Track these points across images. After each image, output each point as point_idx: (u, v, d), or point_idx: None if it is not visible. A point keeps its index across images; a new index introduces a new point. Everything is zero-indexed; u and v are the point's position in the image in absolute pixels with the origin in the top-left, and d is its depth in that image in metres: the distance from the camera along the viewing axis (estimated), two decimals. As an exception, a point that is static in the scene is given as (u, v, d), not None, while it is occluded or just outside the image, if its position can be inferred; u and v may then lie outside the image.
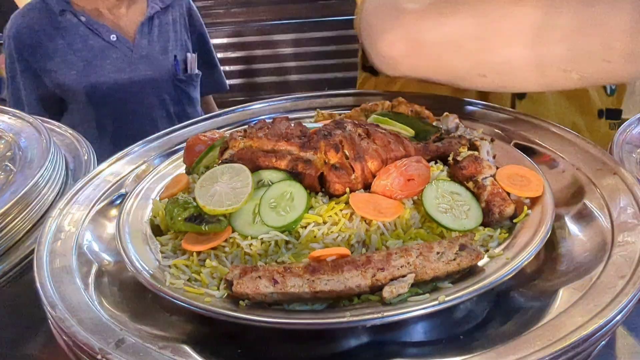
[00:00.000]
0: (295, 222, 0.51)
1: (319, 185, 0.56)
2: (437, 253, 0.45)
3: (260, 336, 0.44)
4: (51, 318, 0.44)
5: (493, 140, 0.63)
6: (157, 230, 0.56)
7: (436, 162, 0.60)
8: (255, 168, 0.57)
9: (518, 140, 0.68)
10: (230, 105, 0.84)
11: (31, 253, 0.52)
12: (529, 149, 0.65)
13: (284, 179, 0.55)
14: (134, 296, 0.49)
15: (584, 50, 0.57)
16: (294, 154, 0.56)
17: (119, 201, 0.61)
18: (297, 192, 0.53)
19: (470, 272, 0.45)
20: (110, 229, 0.57)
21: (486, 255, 0.47)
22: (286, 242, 0.50)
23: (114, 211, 0.59)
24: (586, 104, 1.04)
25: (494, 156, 0.60)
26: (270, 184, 0.55)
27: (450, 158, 0.59)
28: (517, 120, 0.72)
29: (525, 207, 0.53)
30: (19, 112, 0.81)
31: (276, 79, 4.46)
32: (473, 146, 0.60)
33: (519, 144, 0.67)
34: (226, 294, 0.44)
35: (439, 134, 0.65)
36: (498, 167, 0.57)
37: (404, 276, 0.43)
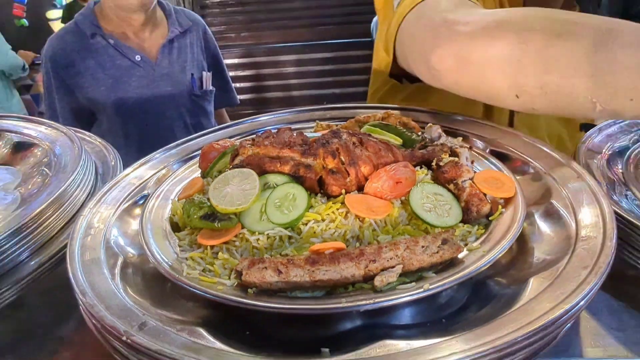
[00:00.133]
0: (297, 219, 0.51)
1: (318, 187, 0.56)
2: (422, 247, 0.45)
3: (266, 320, 0.45)
4: (82, 304, 0.44)
5: (471, 148, 0.63)
6: (176, 227, 0.56)
7: (421, 167, 0.60)
8: (262, 172, 0.57)
9: (494, 147, 0.68)
10: (241, 118, 0.85)
11: (64, 247, 0.52)
12: (503, 156, 0.65)
13: (287, 182, 0.55)
14: (155, 285, 0.49)
15: (611, 87, 0.56)
16: (296, 159, 0.57)
17: (142, 201, 0.61)
18: (298, 193, 0.53)
19: (452, 263, 0.45)
20: (134, 225, 0.57)
21: (465, 248, 0.47)
22: (289, 237, 0.50)
23: (137, 210, 0.59)
24: (570, 119, 1.05)
25: (472, 162, 0.60)
26: (275, 186, 0.55)
27: (433, 163, 0.59)
28: (494, 130, 0.72)
29: (500, 206, 0.53)
30: (54, 123, 0.81)
31: (281, 95, 4.49)
32: (454, 153, 0.60)
33: (494, 151, 0.67)
34: (236, 282, 0.44)
35: (423, 142, 0.65)
36: (476, 172, 0.57)
37: (393, 267, 0.43)
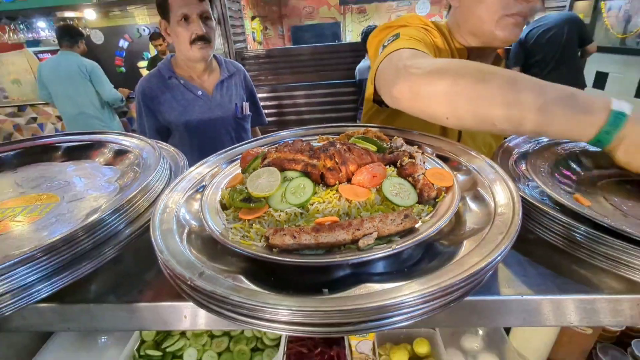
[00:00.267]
0: (306, 201, 0.50)
1: (320, 180, 0.55)
2: (391, 219, 0.44)
3: (285, 270, 0.44)
4: (160, 259, 0.43)
5: (423, 153, 0.62)
6: (224, 207, 0.55)
7: (390, 166, 0.59)
8: (282, 169, 0.56)
9: (439, 153, 0.67)
10: (268, 133, 0.84)
11: (148, 221, 0.51)
12: (444, 158, 0.65)
13: (299, 176, 0.55)
14: (210, 246, 0.48)
15: (516, 117, 0.56)
16: (305, 161, 0.56)
17: (201, 190, 0.60)
18: (307, 184, 0.53)
19: (411, 230, 0.45)
20: (196, 206, 0.56)
21: (420, 221, 0.47)
22: (301, 214, 0.50)
23: (198, 196, 0.59)
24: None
25: (424, 162, 0.59)
26: (291, 179, 0.54)
27: (398, 163, 0.58)
28: (439, 141, 0.71)
29: (443, 192, 0.53)
30: (142, 137, 0.81)
31: (295, 118, 4.51)
32: (411, 156, 0.59)
33: (438, 155, 0.66)
34: (265, 244, 0.44)
35: (391, 149, 0.65)
36: (426, 169, 0.57)
37: (371, 233, 0.43)
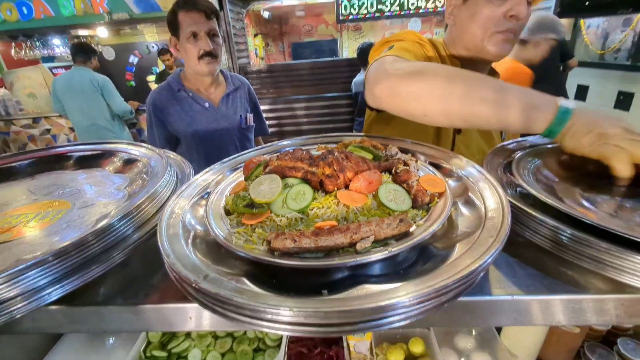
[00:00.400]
0: (306, 207, 0.50)
1: (319, 186, 0.55)
2: (387, 224, 0.44)
3: (286, 272, 0.44)
4: (166, 262, 0.43)
5: (417, 160, 0.62)
6: (228, 213, 0.55)
7: (385, 173, 0.59)
8: (283, 176, 0.56)
9: (431, 160, 0.67)
10: (270, 142, 0.84)
11: (155, 226, 0.51)
12: (437, 165, 0.65)
13: (299, 183, 0.55)
14: (214, 250, 0.48)
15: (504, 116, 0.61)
16: (305, 169, 0.56)
17: (206, 196, 0.60)
18: (307, 190, 0.52)
19: (406, 234, 0.44)
20: (201, 212, 0.56)
21: (414, 225, 0.46)
22: (301, 218, 0.49)
23: (203, 202, 0.58)
24: (491, 140, 1.07)
25: (417, 169, 0.59)
26: (291, 185, 0.54)
27: (393, 171, 0.58)
28: (432, 149, 0.71)
29: (436, 198, 0.52)
30: (150, 146, 0.81)
31: (295, 128, 4.52)
32: (406, 164, 0.59)
33: (431, 163, 0.66)
34: (267, 248, 0.43)
35: (386, 157, 0.65)
36: (420, 176, 0.57)
37: (368, 237, 0.42)
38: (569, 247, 0.46)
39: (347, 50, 7.62)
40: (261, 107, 1.86)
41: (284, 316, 0.35)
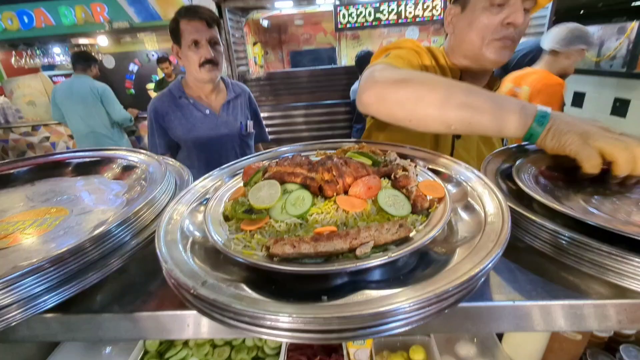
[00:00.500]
0: (306, 212, 0.50)
1: (318, 192, 0.54)
2: (386, 229, 0.43)
3: (285, 278, 0.43)
4: (164, 268, 0.42)
5: (416, 166, 0.62)
6: (227, 219, 0.54)
7: (384, 178, 0.59)
8: (282, 182, 0.56)
9: (431, 166, 0.67)
10: (269, 149, 0.84)
11: (153, 232, 0.51)
12: (435, 171, 0.65)
13: (299, 188, 0.54)
14: (213, 256, 0.48)
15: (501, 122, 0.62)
16: (304, 174, 0.56)
17: (205, 202, 0.60)
18: (306, 195, 0.52)
19: (405, 239, 0.44)
20: (199, 218, 0.55)
21: (414, 230, 0.46)
22: (300, 224, 0.49)
23: (201, 208, 0.58)
24: (492, 145, 1.07)
25: (417, 175, 0.59)
26: (291, 191, 0.54)
27: (392, 176, 0.58)
28: (431, 155, 0.71)
29: (435, 203, 0.52)
30: (149, 153, 0.81)
31: (294, 135, 4.54)
32: (405, 169, 0.59)
33: (430, 168, 0.66)
34: (266, 254, 0.43)
35: (385, 162, 0.65)
36: (419, 181, 0.57)
37: (367, 242, 0.42)
38: (569, 251, 0.45)
39: (346, 58, 7.68)
40: (261, 115, 1.88)
41: (283, 322, 0.34)
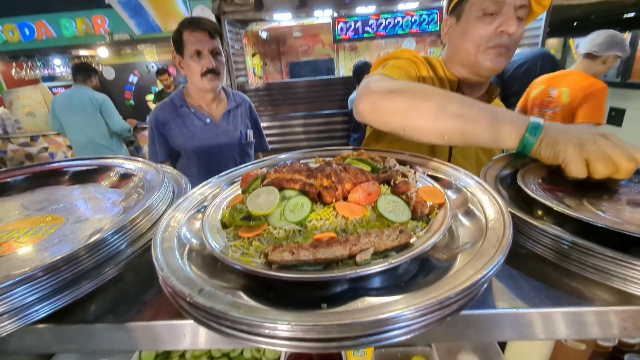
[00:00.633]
0: (305, 219, 0.49)
1: (317, 198, 0.54)
2: (387, 235, 0.43)
3: (284, 285, 0.42)
4: (160, 276, 0.41)
5: (416, 172, 0.62)
6: (224, 226, 0.53)
7: (384, 185, 0.58)
8: (281, 189, 0.55)
9: (430, 172, 0.67)
10: (268, 156, 0.84)
11: (150, 239, 0.50)
12: (435, 177, 0.64)
13: (297, 195, 0.54)
14: (210, 263, 0.47)
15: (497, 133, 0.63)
16: (303, 180, 0.55)
17: (202, 209, 0.59)
18: (305, 202, 0.52)
19: (406, 245, 0.44)
20: (197, 225, 0.55)
21: (414, 236, 0.46)
22: (299, 231, 0.48)
23: (199, 215, 0.57)
24: (490, 153, 1.08)
25: (416, 181, 0.58)
26: (289, 197, 0.53)
27: (391, 182, 0.57)
28: (430, 161, 0.71)
29: (435, 209, 0.52)
30: (146, 161, 0.80)
31: (292, 145, 4.57)
32: (404, 175, 0.58)
33: (429, 175, 0.66)
34: (264, 261, 0.42)
35: (385, 169, 0.64)
36: (418, 187, 0.56)
37: (367, 249, 0.41)
38: (572, 257, 0.45)
39: (344, 69, 7.78)
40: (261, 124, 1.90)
41: (281, 331, 0.33)
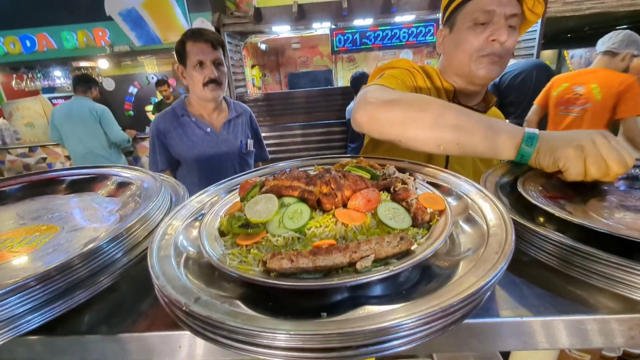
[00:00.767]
0: (304, 226, 0.48)
1: (317, 205, 0.53)
2: (387, 242, 0.42)
3: (283, 294, 0.41)
4: (156, 285, 0.40)
5: (415, 179, 0.62)
6: (222, 234, 0.53)
7: (384, 192, 0.58)
8: (280, 196, 0.55)
9: (430, 180, 0.66)
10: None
11: (146, 248, 0.49)
12: (435, 184, 0.64)
13: (296, 202, 0.53)
14: (207, 272, 0.46)
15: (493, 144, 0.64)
16: (302, 187, 0.55)
17: (200, 217, 0.58)
18: (304, 209, 0.51)
19: (407, 252, 0.43)
20: (194, 233, 0.54)
21: (415, 243, 0.45)
22: (298, 238, 0.48)
23: (197, 223, 0.57)
24: (488, 161, 1.08)
25: (416, 188, 0.58)
26: (288, 204, 0.53)
27: (391, 189, 0.57)
28: (429, 169, 0.71)
29: (436, 216, 0.51)
30: (143, 169, 0.80)
31: (291, 155, 4.57)
32: (404, 182, 0.58)
33: (429, 181, 0.65)
34: (262, 269, 0.41)
35: (384, 176, 0.64)
36: (418, 194, 0.56)
37: (368, 256, 0.41)
38: (576, 263, 0.44)
39: (342, 80, 7.87)
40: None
41: (280, 341, 0.32)
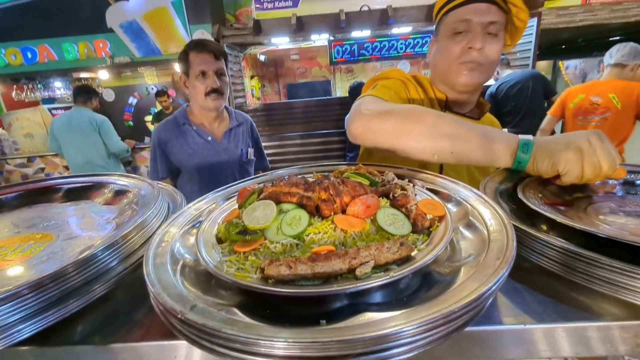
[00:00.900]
0: (302, 232, 0.48)
1: (315, 211, 0.53)
2: (387, 248, 0.42)
3: (281, 301, 0.40)
4: (151, 293, 0.39)
5: (414, 185, 0.61)
6: (220, 241, 0.52)
7: (383, 198, 0.57)
8: (278, 202, 0.54)
9: (428, 186, 0.66)
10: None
11: (142, 256, 0.48)
12: (434, 190, 0.63)
13: (295, 208, 0.53)
14: (203, 279, 0.45)
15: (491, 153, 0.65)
16: (300, 194, 0.54)
17: (197, 225, 0.57)
18: (303, 215, 0.51)
19: (407, 259, 0.42)
20: (191, 240, 0.53)
21: (415, 249, 0.44)
22: (296, 244, 0.47)
23: (194, 230, 0.56)
24: (483, 168, 1.07)
25: (415, 194, 0.58)
26: (287, 211, 0.52)
27: (390, 195, 0.57)
28: (428, 175, 0.71)
29: (436, 222, 0.51)
30: (141, 177, 0.80)
31: (289, 164, 4.58)
32: (403, 188, 0.58)
33: (428, 188, 0.65)
34: (260, 276, 0.41)
35: (383, 182, 0.64)
36: (418, 200, 0.55)
37: (367, 262, 0.40)
38: (579, 269, 0.43)
39: (340, 90, 7.93)
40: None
41: (278, 349, 0.31)
